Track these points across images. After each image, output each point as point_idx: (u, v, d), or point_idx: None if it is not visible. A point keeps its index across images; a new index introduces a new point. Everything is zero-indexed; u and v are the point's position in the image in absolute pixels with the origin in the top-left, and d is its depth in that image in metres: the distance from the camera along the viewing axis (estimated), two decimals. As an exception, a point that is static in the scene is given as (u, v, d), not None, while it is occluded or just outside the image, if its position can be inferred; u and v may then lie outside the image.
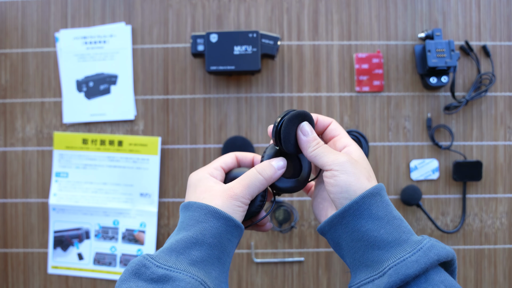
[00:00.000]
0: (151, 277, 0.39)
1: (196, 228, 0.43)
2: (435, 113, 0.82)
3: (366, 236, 0.41)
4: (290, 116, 0.45)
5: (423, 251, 0.39)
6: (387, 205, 0.43)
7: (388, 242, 0.41)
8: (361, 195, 0.41)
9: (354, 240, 0.42)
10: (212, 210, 0.43)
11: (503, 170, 0.82)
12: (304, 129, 0.46)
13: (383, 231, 0.41)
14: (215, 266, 0.43)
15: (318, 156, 0.44)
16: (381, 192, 0.43)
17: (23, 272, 0.83)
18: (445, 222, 0.82)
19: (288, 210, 0.81)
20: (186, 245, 0.42)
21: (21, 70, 0.84)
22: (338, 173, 0.43)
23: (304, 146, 0.46)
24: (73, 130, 0.84)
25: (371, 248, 0.41)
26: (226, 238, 0.43)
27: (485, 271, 0.82)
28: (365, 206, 0.41)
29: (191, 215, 0.44)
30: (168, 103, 0.83)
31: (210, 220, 0.43)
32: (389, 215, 0.42)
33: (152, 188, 0.82)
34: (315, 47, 0.82)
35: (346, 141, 0.47)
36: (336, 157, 0.43)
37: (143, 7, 0.83)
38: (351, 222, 0.42)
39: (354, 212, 0.42)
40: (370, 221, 0.41)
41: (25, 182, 0.84)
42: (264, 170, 0.46)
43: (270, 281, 0.82)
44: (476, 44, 0.82)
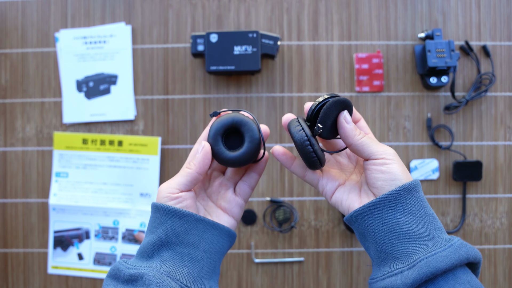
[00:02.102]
0: (124, 278, 0.42)
1: (160, 230, 0.45)
2: (435, 113, 0.82)
3: (398, 228, 0.42)
4: (336, 100, 0.45)
5: (454, 248, 0.40)
6: (421, 201, 0.44)
7: (419, 236, 0.41)
8: (397, 189, 0.43)
9: (384, 232, 0.43)
10: (172, 210, 0.45)
11: (503, 170, 0.82)
12: (347, 118, 0.46)
13: (415, 225, 0.42)
14: (186, 262, 0.44)
15: (367, 145, 0.45)
16: (417, 188, 0.44)
17: (23, 272, 0.83)
18: (445, 222, 0.82)
19: (288, 210, 0.81)
20: (154, 247, 0.44)
21: (21, 70, 0.84)
22: (391, 162, 0.44)
23: (350, 133, 0.46)
24: (73, 130, 0.84)
25: (402, 240, 0.42)
26: (191, 233, 0.45)
27: (485, 271, 0.81)
28: (401, 199, 0.43)
29: (153, 217, 0.46)
30: (168, 103, 0.83)
31: (171, 220, 0.45)
32: (422, 211, 0.43)
33: (152, 188, 0.82)
34: (315, 47, 0.82)
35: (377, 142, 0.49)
36: (385, 147, 0.45)
37: (143, 7, 0.83)
38: (384, 212, 0.43)
39: (388, 204, 0.43)
40: (403, 215, 0.42)
41: (25, 182, 0.84)
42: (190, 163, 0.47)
43: (270, 281, 0.82)
44: (476, 44, 0.82)
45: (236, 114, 0.47)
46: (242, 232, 0.82)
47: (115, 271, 0.43)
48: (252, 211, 0.81)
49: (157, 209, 0.45)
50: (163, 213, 0.45)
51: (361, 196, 0.46)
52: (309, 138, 0.44)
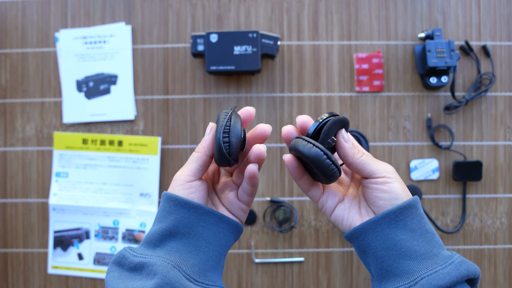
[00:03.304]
0: (129, 266, 0.42)
1: (168, 219, 0.45)
2: (435, 113, 0.82)
3: (399, 245, 0.42)
4: (336, 120, 0.45)
5: (455, 265, 0.41)
6: (421, 218, 0.44)
7: (420, 254, 0.42)
8: (398, 206, 0.43)
9: (385, 249, 0.43)
10: (181, 201, 0.45)
11: (503, 170, 0.82)
12: (345, 136, 0.46)
13: (416, 243, 0.42)
14: (192, 254, 0.44)
15: (367, 164, 0.45)
16: (417, 205, 0.44)
17: (23, 272, 0.83)
18: (445, 222, 0.82)
19: (288, 210, 0.81)
20: (161, 237, 0.44)
21: (21, 70, 0.84)
22: (392, 180, 0.44)
23: (349, 152, 0.45)
24: (73, 130, 0.84)
25: (403, 258, 0.42)
26: (199, 225, 0.45)
27: (485, 271, 0.81)
28: (402, 217, 0.43)
29: (163, 206, 0.46)
30: (168, 103, 0.83)
31: (181, 210, 0.45)
32: (422, 228, 0.43)
33: (152, 188, 0.82)
34: (315, 47, 0.82)
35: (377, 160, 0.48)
36: (385, 165, 0.45)
37: (143, 7, 0.83)
38: (385, 230, 0.43)
39: (389, 221, 0.43)
40: (404, 232, 0.43)
41: (25, 182, 0.84)
42: (199, 146, 0.47)
43: (270, 281, 0.82)
44: (476, 44, 0.82)
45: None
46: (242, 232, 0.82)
47: (121, 258, 0.43)
48: (252, 211, 0.81)
49: (167, 198, 0.45)
50: (173, 203, 0.45)
51: (362, 213, 0.46)
52: (326, 152, 0.44)
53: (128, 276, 0.42)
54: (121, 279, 0.42)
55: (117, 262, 0.44)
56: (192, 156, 0.47)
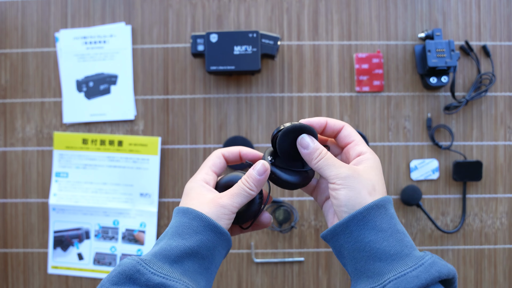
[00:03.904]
0: (146, 284, 0.39)
1: (194, 239, 0.43)
2: (435, 113, 0.82)
3: (369, 247, 0.41)
4: (284, 131, 0.45)
5: (425, 267, 0.39)
6: (391, 218, 0.43)
7: (390, 255, 0.41)
8: (366, 206, 0.42)
9: (356, 250, 0.42)
10: (211, 224, 0.43)
11: (503, 170, 0.82)
12: (303, 143, 0.45)
13: (386, 243, 0.41)
14: (203, 276, 0.43)
15: (322, 169, 0.44)
16: (386, 205, 0.43)
17: (23, 272, 0.83)
18: (445, 222, 0.82)
19: (288, 210, 0.81)
20: (182, 254, 0.42)
21: (21, 70, 0.84)
22: (340, 187, 0.43)
23: (307, 159, 0.45)
24: (73, 130, 0.84)
25: (373, 259, 0.41)
26: (217, 251, 0.44)
27: (485, 271, 0.81)
28: (370, 217, 0.42)
29: (188, 223, 0.44)
30: (168, 103, 0.83)
31: (208, 233, 0.43)
32: (392, 228, 0.42)
33: (152, 188, 0.82)
34: (315, 47, 0.82)
35: (360, 149, 0.46)
36: (338, 171, 0.43)
37: (143, 7, 0.83)
38: (354, 232, 0.42)
39: (358, 223, 0.42)
40: (374, 233, 0.41)
41: (25, 182, 0.84)
42: (248, 181, 0.46)
43: (270, 281, 0.82)
44: (476, 44, 0.82)
45: None
46: (242, 232, 0.82)
47: (133, 272, 0.39)
48: (252, 211, 0.81)
49: (196, 216, 0.44)
50: (202, 224, 0.43)
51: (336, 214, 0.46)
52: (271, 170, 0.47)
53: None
54: None
55: (129, 277, 0.39)
56: (243, 190, 0.46)
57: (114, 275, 0.40)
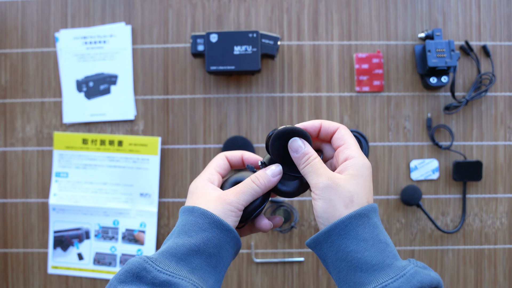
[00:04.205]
0: (152, 281, 0.39)
1: (199, 236, 0.43)
2: (435, 113, 0.82)
3: (350, 257, 0.41)
4: (276, 134, 0.45)
5: (406, 278, 0.39)
6: (374, 227, 0.42)
7: (372, 265, 0.40)
8: (348, 215, 0.41)
9: (339, 260, 0.42)
10: (216, 221, 0.43)
11: (503, 170, 0.82)
12: (293, 146, 0.46)
13: (368, 253, 0.41)
14: (211, 275, 0.43)
15: (307, 176, 0.45)
16: (369, 213, 0.42)
17: (23, 272, 0.83)
18: (445, 222, 0.82)
19: (288, 210, 0.81)
20: (188, 252, 0.42)
21: (21, 70, 0.84)
22: (317, 197, 0.43)
23: (297, 164, 0.46)
24: (73, 130, 0.84)
25: (354, 269, 0.41)
26: (225, 248, 0.44)
27: (485, 271, 0.82)
28: (351, 226, 0.41)
29: (194, 221, 0.44)
30: (168, 103, 0.83)
31: (214, 230, 0.43)
32: (374, 238, 0.41)
33: (152, 188, 0.82)
34: (315, 47, 0.82)
35: (349, 153, 0.45)
36: (318, 180, 0.43)
37: (143, 7, 0.83)
38: (336, 241, 0.42)
39: (339, 232, 0.41)
40: (355, 242, 0.41)
41: (25, 182, 0.84)
42: (258, 179, 0.46)
43: (270, 281, 0.82)
44: (476, 44, 0.82)
45: None
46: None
47: (140, 269, 0.40)
48: (252, 211, 0.81)
49: (201, 214, 0.44)
50: (207, 221, 0.43)
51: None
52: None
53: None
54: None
55: (135, 274, 0.40)
56: (249, 185, 0.46)
57: (121, 274, 0.40)
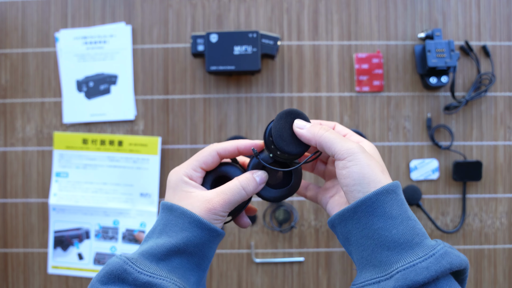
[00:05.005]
0: (134, 283, 0.39)
1: (180, 236, 0.42)
2: (435, 113, 0.82)
3: (377, 234, 0.39)
4: (278, 116, 0.43)
5: (435, 258, 0.37)
6: (402, 204, 0.40)
7: (400, 243, 0.38)
8: (375, 191, 0.39)
9: (364, 237, 0.40)
10: (197, 220, 0.42)
11: (503, 170, 0.82)
12: (298, 124, 0.44)
13: (395, 231, 0.39)
14: (194, 272, 0.43)
15: (329, 143, 0.41)
16: (397, 190, 0.40)
17: (23, 272, 0.83)
18: (445, 222, 0.82)
19: (288, 210, 0.81)
20: (168, 252, 0.41)
21: (21, 70, 0.84)
22: (351, 164, 0.40)
23: (308, 136, 0.43)
24: (73, 130, 0.84)
25: (381, 247, 0.39)
26: (208, 246, 0.44)
27: (485, 271, 0.82)
28: (379, 203, 0.39)
29: (174, 220, 0.43)
30: (168, 103, 0.83)
31: (194, 230, 0.42)
32: (403, 214, 0.40)
33: (152, 188, 0.82)
34: (315, 47, 0.83)
35: (357, 138, 0.46)
36: (348, 145, 0.40)
37: (143, 7, 0.83)
38: (362, 218, 0.40)
39: (366, 208, 0.39)
40: (383, 220, 0.39)
41: (25, 182, 0.84)
42: (247, 185, 0.45)
43: (270, 281, 0.82)
44: (476, 44, 0.82)
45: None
46: (242, 232, 0.82)
47: (121, 271, 0.39)
48: (252, 211, 0.82)
49: (181, 213, 0.43)
50: (187, 220, 0.42)
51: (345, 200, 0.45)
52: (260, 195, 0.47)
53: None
54: None
55: (116, 276, 0.39)
56: (238, 193, 0.44)
57: (102, 275, 0.39)
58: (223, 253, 0.82)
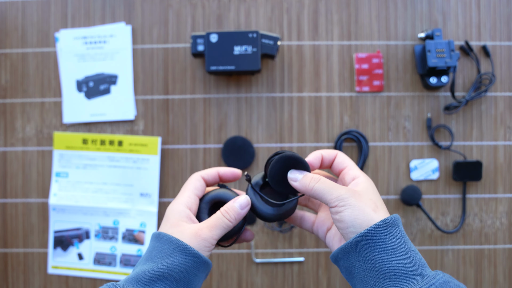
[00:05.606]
0: None
1: (164, 261, 0.43)
2: (435, 113, 0.82)
3: (379, 266, 0.41)
4: (276, 160, 0.46)
5: (435, 287, 0.39)
6: (401, 236, 0.42)
7: (401, 274, 0.40)
8: (375, 225, 0.41)
9: (367, 269, 0.42)
10: (181, 245, 0.44)
11: (503, 170, 0.82)
12: (291, 177, 0.47)
13: (396, 262, 0.40)
14: None
15: (321, 194, 0.45)
16: (396, 223, 0.42)
17: (23, 272, 0.83)
18: (445, 222, 0.82)
19: (288, 210, 0.81)
20: (152, 277, 0.42)
21: (21, 70, 0.84)
22: (343, 209, 0.43)
23: (302, 189, 0.46)
24: (73, 130, 0.84)
25: (383, 279, 0.40)
26: (192, 273, 0.44)
27: (485, 271, 0.82)
28: (379, 236, 0.41)
29: (160, 246, 0.44)
30: (168, 103, 0.83)
31: (178, 255, 0.44)
32: (403, 246, 0.41)
33: (152, 188, 0.82)
34: (315, 47, 0.82)
35: (354, 173, 0.47)
36: (338, 193, 0.43)
37: (143, 7, 0.83)
38: (364, 251, 0.42)
39: (367, 241, 0.41)
40: (383, 252, 0.41)
41: (25, 182, 0.84)
42: (228, 213, 0.47)
43: (270, 281, 0.82)
44: (476, 44, 0.82)
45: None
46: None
47: None
48: (252, 211, 0.81)
49: (167, 240, 0.44)
50: (172, 246, 0.44)
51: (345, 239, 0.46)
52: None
53: None
54: None
55: None
56: (223, 222, 0.47)
57: None
58: (223, 253, 0.82)
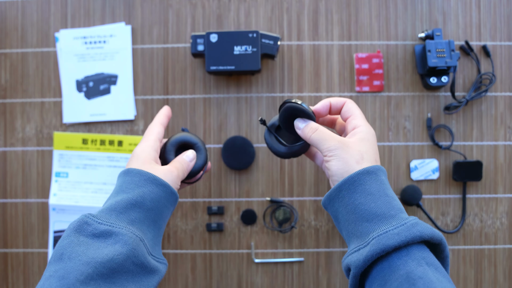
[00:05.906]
0: (93, 232, 0.42)
1: (136, 191, 0.47)
2: (435, 113, 0.82)
3: (358, 209, 0.45)
4: (285, 109, 0.55)
5: (406, 226, 0.43)
6: (381, 183, 0.46)
7: (377, 215, 0.44)
8: (357, 172, 0.46)
9: (349, 213, 0.46)
10: (151, 177, 0.48)
11: (503, 170, 0.82)
12: (297, 125, 0.54)
13: (374, 205, 0.45)
14: (150, 228, 0.47)
15: (316, 143, 0.51)
16: (377, 171, 0.47)
17: (23, 272, 0.83)
18: (445, 222, 0.82)
19: (288, 210, 0.81)
20: (126, 206, 0.45)
21: (21, 70, 0.84)
22: (330, 159, 0.49)
23: (303, 137, 0.53)
24: (73, 130, 0.84)
25: (361, 220, 0.45)
26: (163, 203, 0.48)
27: (485, 271, 0.82)
28: (360, 181, 0.46)
29: (130, 179, 0.48)
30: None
31: (150, 185, 0.47)
32: (381, 192, 0.46)
33: (152, 188, 0.82)
34: (315, 47, 0.82)
35: (356, 122, 0.52)
36: (329, 144, 0.49)
37: (143, 7, 0.83)
38: (346, 196, 0.46)
39: (348, 187, 0.46)
40: (363, 196, 0.45)
41: (25, 182, 0.84)
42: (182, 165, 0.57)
43: (270, 281, 0.82)
44: (476, 44, 0.82)
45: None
46: (242, 232, 0.82)
47: (82, 224, 0.43)
48: (252, 211, 0.81)
49: (137, 173, 0.48)
50: (143, 178, 0.48)
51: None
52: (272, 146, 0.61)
53: (90, 243, 0.41)
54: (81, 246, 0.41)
55: (77, 228, 0.43)
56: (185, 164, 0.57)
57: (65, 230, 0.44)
58: (223, 253, 0.82)
